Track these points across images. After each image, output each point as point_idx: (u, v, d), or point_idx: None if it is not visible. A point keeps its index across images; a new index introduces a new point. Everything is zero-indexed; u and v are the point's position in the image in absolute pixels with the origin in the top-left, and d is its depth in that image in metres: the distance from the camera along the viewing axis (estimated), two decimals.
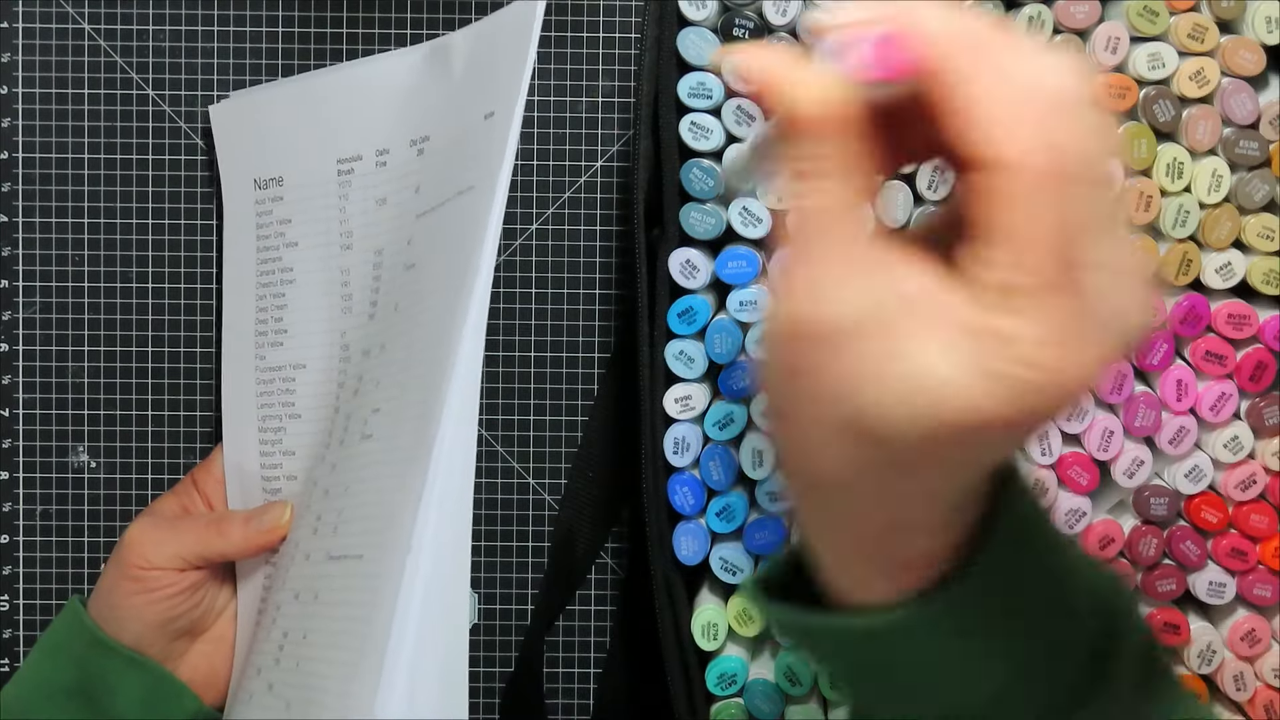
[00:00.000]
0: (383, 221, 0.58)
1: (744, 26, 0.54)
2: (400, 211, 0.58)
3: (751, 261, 0.55)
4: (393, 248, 0.58)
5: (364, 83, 0.60)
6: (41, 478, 0.64)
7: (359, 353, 0.58)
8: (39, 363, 0.64)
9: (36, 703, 0.56)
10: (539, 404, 0.64)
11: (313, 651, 0.52)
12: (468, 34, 0.58)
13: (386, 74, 0.60)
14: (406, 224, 0.57)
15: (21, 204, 0.63)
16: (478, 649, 0.65)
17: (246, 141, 0.61)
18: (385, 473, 0.51)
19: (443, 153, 0.57)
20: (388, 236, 0.58)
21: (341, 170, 0.60)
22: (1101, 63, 0.53)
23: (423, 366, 0.51)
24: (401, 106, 0.59)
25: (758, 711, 0.56)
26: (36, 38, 0.63)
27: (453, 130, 0.56)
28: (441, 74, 0.58)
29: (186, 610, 0.56)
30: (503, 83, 0.52)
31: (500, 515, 0.65)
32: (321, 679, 0.50)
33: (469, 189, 0.52)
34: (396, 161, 0.58)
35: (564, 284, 0.64)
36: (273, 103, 0.61)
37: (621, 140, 0.64)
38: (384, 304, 0.57)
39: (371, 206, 0.59)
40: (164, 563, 0.55)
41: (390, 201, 0.58)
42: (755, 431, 0.56)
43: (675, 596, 0.57)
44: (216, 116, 0.62)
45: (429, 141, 0.57)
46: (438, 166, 0.57)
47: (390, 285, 0.57)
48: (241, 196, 0.61)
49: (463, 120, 0.55)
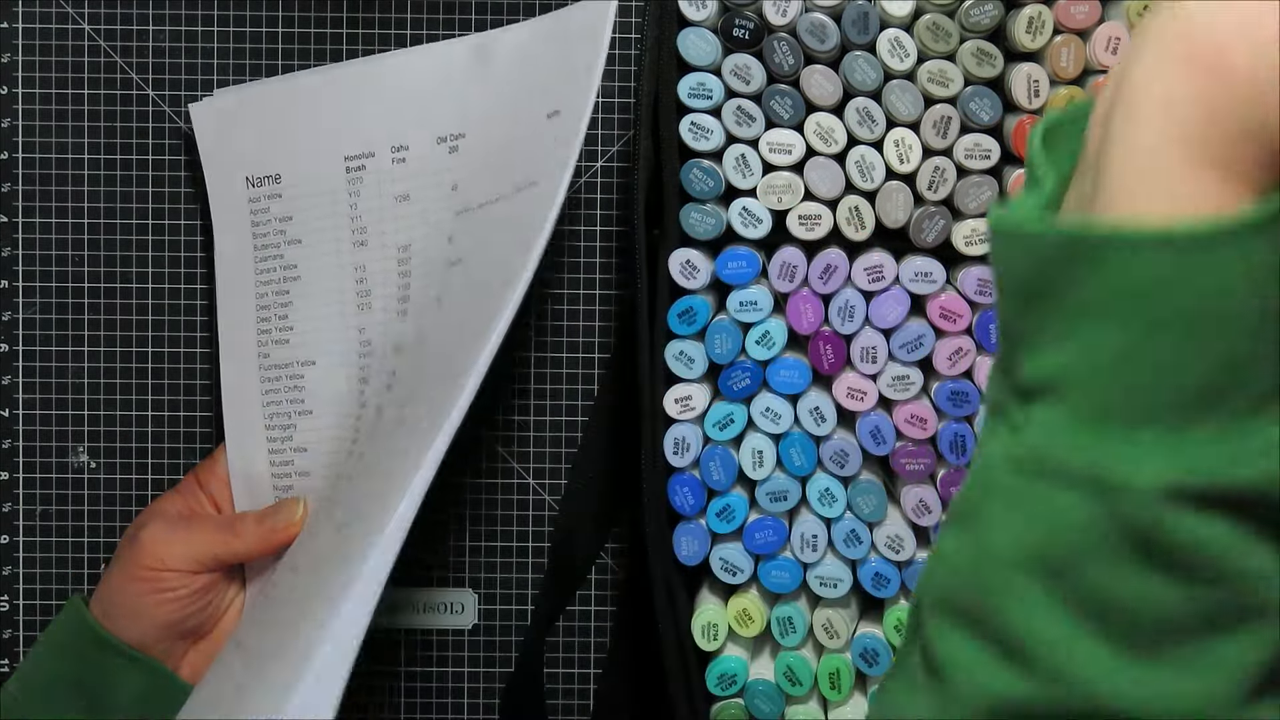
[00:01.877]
0: (405, 218, 0.59)
1: (744, 27, 0.54)
2: (431, 208, 0.58)
3: (751, 261, 0.55)
4: (424, 243, 0.58)
5: (372, 80, 0.60)
6: (41, 478, 0.64)
7: (388, 348, 0.58)
8: (39, 363, 0.64)
9: (37, 701, 0.56)
10: (539, 404, 0.64)
11: (285, 611, 0.52)
12: (517, 33, 0.58)
13: (398, 71, 0.60)
14: (442, 220, 0.58)
15: (21, 204, 0.63)
16: (478, 649, 0.65)
17: (235, 139, 0.61)
18: (401, 449, 0.52)
19: (487, 150, 0.57)
20: (416, 233, 0.59)
21: (351, 167, 0.60)
22: (1102, 62, 0.53)
23: (463, 355, 0.51)
24: (422, 104, 0.59)
25: (758, 711, 0.56)
26: (36, 38, 0.63)
27: (501, 128, 0.56)
28: (480, 73, 0.58)
29: (196, 611, 0.56)
30: (570, 81, 0.53)
31: (500, 515, 0.65)
32: (280, 629, 0.51)
33: (530, 185, 0.53)
34: (419, 158, 0.59)
35: (564, 284, 0.64)
36: (262, 100, 0.61)
37: (621, 140, 0.64)
38: (419, 300, 0.57)
39: (390, 203, 0.59)
40: (178, 565, 0.55)
41: (415, 198, 0.59)
42: (755, 431, 0.56)
43: (675, 596, 0.57)
44: (197, 115, 0.62)
45: (464, 139, 0.58)
46: (481, 163, 0.57)
47: (427, 280, 0.58)
48: (231, 194, 0.61)
49: (517, 118, 0.55)
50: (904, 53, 0.53)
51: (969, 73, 0.53)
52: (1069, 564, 0.30)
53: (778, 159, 0.54)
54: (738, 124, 0.54)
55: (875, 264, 0.54)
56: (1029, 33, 0.53)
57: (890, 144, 0.54)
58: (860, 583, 0.56)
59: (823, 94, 0.54)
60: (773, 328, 0.55)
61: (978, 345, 0.55)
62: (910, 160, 0.54)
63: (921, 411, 0.55)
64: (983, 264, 0.55)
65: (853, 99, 0.54)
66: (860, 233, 0.55)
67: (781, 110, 0.54)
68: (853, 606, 0.58)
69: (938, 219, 0.55)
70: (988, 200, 0.54)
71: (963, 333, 0.55)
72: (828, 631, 0.56)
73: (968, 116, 0.54)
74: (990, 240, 0.32)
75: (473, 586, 0.65)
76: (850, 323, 0.55)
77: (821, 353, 0.55)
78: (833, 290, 0.55)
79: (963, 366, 0.55)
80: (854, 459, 0.56)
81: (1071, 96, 0.53)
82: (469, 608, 0.65)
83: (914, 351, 0.55)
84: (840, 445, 0.55)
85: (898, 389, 0.55)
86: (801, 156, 0.54)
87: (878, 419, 0.55)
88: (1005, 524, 0.31)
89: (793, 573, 0.56)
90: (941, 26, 0.53)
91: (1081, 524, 0.30)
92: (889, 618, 0.56)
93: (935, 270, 0.55)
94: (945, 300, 0.55)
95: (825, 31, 0.53)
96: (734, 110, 0.54)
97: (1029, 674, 0.31)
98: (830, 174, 0.54)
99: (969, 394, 0.55)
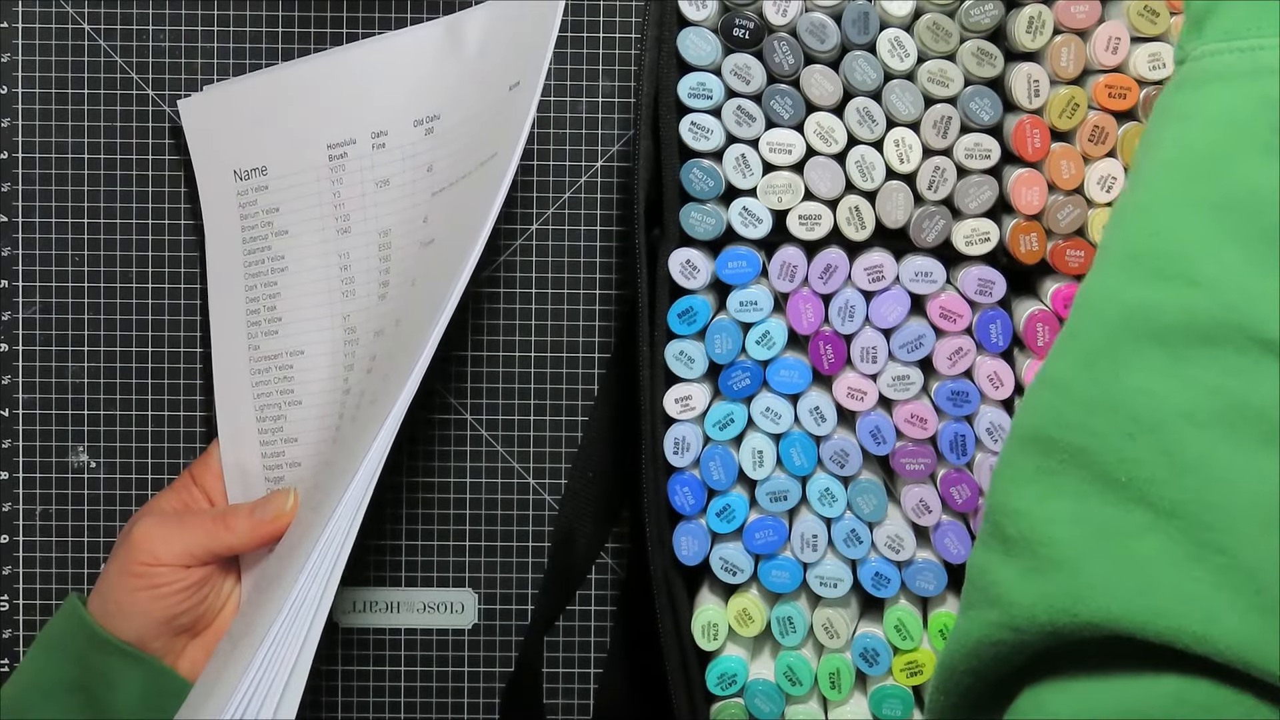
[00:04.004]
0: (387, 203, 0.59)
1: (744, 27, 0.54)
2: (409, 191, 0.59)
3: (751, 261, 0.55)
4: (403, 227, 0.58)
5: (351, 67, 0.61)
6: (41, 478, 0.64)
7: (369, 333, 0.58)
8: (39, 363, 0.64)
9: (35, 700, 0.56)
10: (539, 404, 0.64)
11: (270, 594, 0.52)
12: (484, 12, 0.59)
13: (376, 57, 0.60)
14: (419, 203, 0.58)
15: (21, 204, 0.63)
16: (478, 649, 0.65)
17: (222, 134, 0.61)
18: (368, 423, 0.53)
19: (459, 129, 0.57)
20: (395, 217, 0.59)
21: (333, 155, 0.60)
22: (1101, 63, 0.53)
23: (424, 329, 0.52)
24: (399, 88, 0.59)
25: (758, 711, 0.56)
26: (36, 38, 0.63)
27: (470, 106, 0.57)
28: (452, 53, 0.58)
29: (191, 606, 0.56)
30: (528, 53, 0.53)
31: (500, 515, 0.65)
32: (261, 612, 0.52)
33: (491, 157, 0.53)
34: (398, 142, 0.59)
35: (564, 284, 0.64)
36: (248, 94, 0.62)
37: (621, 140, 0.64)
38: (397, 282, 0.58)
39: (371, 189, 0.59)
40: (171, 559, 0.55)
41: (394, 182, 0.59)
42: (755, 431, 0.56)
43: (675, 597, 0.57)
44: (187, 111, 0.62)
45: (439, 120, 0.58)
46: (454, 143, 0.58)
47: (403, 263, 0.58)
48: (221, 189, 0.61)
49: (483, 94, 0.56)
50: (904, 53, 0.53)
51: (969, 73, 0.53)
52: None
53: (778, 159, 0.54)
54: (738, 124, 0.54)
55: (875, 264, 0.54)
56: (1029, 33, 0.53)
57: (890, 144, 0.54)
58: (860, 582, 0.56)
59: (823, 94, 0.54)
60: (773, 328, 0.55)
61: (978, 345, 0.55)
62: (910, 160, 0.54)
63: (921, 411, 0.55)
64: (982, 264, 0.55)
65: (853, 99, 0.54)
66: (860, 233, 0.55)
67: (781, 110, 0.54)
68: (853, 606, 0.58)
69: (938, 219, 0.55)
70: (988, 200, 0.54)
71: (963, 333, 0.55)
72: (828, 631, 0.56)
73: (968, 116, 0.54)
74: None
75: (473, 586, 0.65)
76: (850, 323, 0.55)
77: (821, 352, 0.55)
78: (833, 290, 0.55)
79: (963, 366, 0.55)
80: (854, 459, 0.56)
81: (1072, 96, 0.53)
82: (469, 608, 0.65)
83: (914, 351, 0.55)
84: (840, 445, 0.55)
85: (898, 389, 0.55)
86: (801, 156, 0.54)
87: (878, 419, 0.55)
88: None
89: (793, 572, 0.56)
90: (941, 26, 0.53)
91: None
92: (889, 617, 0.56)
93: (935, 270, 0.55)
94: (945, 300, 0.55)
95: (825, 31, 0.53)
96: (734, 110, 0.54)
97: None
98: (830, 174, 0.54)
99: (969, 394, 0.55)
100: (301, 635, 0.49)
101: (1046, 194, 0.54)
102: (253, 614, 0.53)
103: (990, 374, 0.55)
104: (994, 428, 0.55)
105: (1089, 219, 0.54)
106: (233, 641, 0.53)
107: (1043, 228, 0.55)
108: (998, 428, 0.55)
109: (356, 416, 0.57)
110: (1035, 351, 0.55)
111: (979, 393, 0.55)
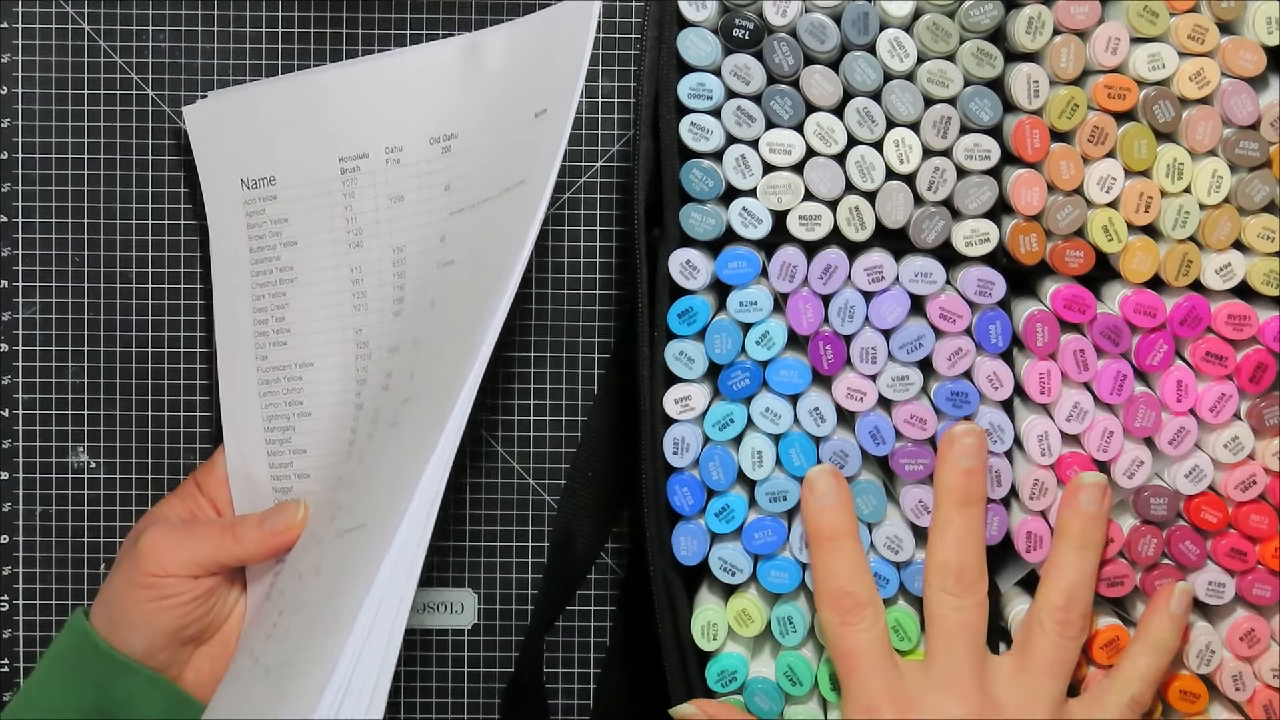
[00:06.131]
0: (401, 219, 0.59)
1: (744, 27, 0.54)
2: (425, 209, 0.58)
3: (751, 262, 0.55)
4: (419, 245, 0.58)
5: (365, 81, 0.60)
6: (41, 478, 0.64)
7: (383, 349, 0.58)
8: (39, 363, 0.64)
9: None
10: (539, 404, 0.64)
11: (303, 617, 0.52)
12: (505, 33, 0.58)
13: (391, 72, 0.60)
14: (436, 220, 0.58)
15: (21, 204, 0.63)
16: (478, 649, 0.65)
17: (230, 141, 0.61)
18: (403, 451, 0.52)
19: (478, 150, 0.57)
20: (411, 234, 0.59)
21: (345, 168, 0.60)
22: (1101, 63, 0.53)
23: (458, 354, 0.51)
24: (414, 105, 0.59)
25: (757, 710, 0.56)
26: (36, 38, 0.63)
27: (491, 128, 0.57)
28: (471, 73, 0.58)
29: (199, 617, 0.56)
30: (556, 81, 0.53)
31: (500, 515, 0.65)
32: (304, 637, 0.51)
33: (519, 184, 0.53)
34: (414, 159, 0.59)
35: (564, 284, 0.64)
36: (256, 102, 0.61)
37: (621, 140, 0.64)
38: (413, 299, 0.58)
39: (385, 204, 0.59)
40: (180, 570, 0.55)
41: (410, 199, 0.59)
42: (755, 431, 0.56)
43: (675, 596, 0.57)
44: (192, 117, 0.62)
45: (456, 139, 0.58)
46: (473, 164, 0.57)
47: (420, 280, 0.58)
48: (227, 196, 0.61)
49: (505, 117, 0.56)
50: (904, 53, 0.53)
51: (969, 73, 0.53)
52: None
53: (778, 159, 0.54)
54: (738, 124, 0.54)
55: (875, 264, 0.55)
56: (1029, 33, 0.53)
57: (890, 144, 0.54)
58: None
59: (823, 94, 0.54)
60: (773, 328, 0.55)
61: (977, 345, 0.55)
62: (910, 160, 0.54)
63: (921, 412, 0.55)
64: (982, 264, 0.55)
65: (853, 99, 0.54)
66: (860, 233, 0.55)
67: (781, 110, 0.54)
68: None
69: (938, 219, 0.55)
70: (987, 201, 0.54)
71: (962, 333, 0.55)
72: None
73: (968, 117, 0.54)
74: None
75: (473, 586, 0.65)
76: (850, 323, 0.55)
77: (821, 353, 0.55)
78: (833, 290, 0.55)
79: (962, 367, 0.55)
80: (853, 459, 0.56)
81: (1071, 97, 0.53)
82: (469, 608, 0.65)
83: (914, 352, 0.55)
84: (840, 445, 0.56)
85: (897, 389, 0.55)
86: (801, 157, 0.54)
87: (877, 419, 0.55)
88: None
89: (792, 573, 0.56)
90: (941, 26, 0.53)
91: None
92: (888, 618, 0.56)
93: (935, 270, 0.55)
94: (945, 300, 0.55)
95: (825, 32, 0.53)
96: (734, 110, 0.54)
97: None
98: (830, 174, 0.54)
99: (968, 394, 0.55)
100: (374, 680, 0.47)
101: (1046, 194, 0.54)
102: (290, 644, 0.51)
103: (990, 374, 0.55)
104: (993, 428, 0.55)
105: (1088, 219, 0.54)
106: (268, 674, 0.52)
107: (1042, 228, 0.55)
108: (997, 428, 0.55)
109: (374, 434, 0.56)
110: (1035, 352, 0.55)
111: (978, 393, 0.55)
